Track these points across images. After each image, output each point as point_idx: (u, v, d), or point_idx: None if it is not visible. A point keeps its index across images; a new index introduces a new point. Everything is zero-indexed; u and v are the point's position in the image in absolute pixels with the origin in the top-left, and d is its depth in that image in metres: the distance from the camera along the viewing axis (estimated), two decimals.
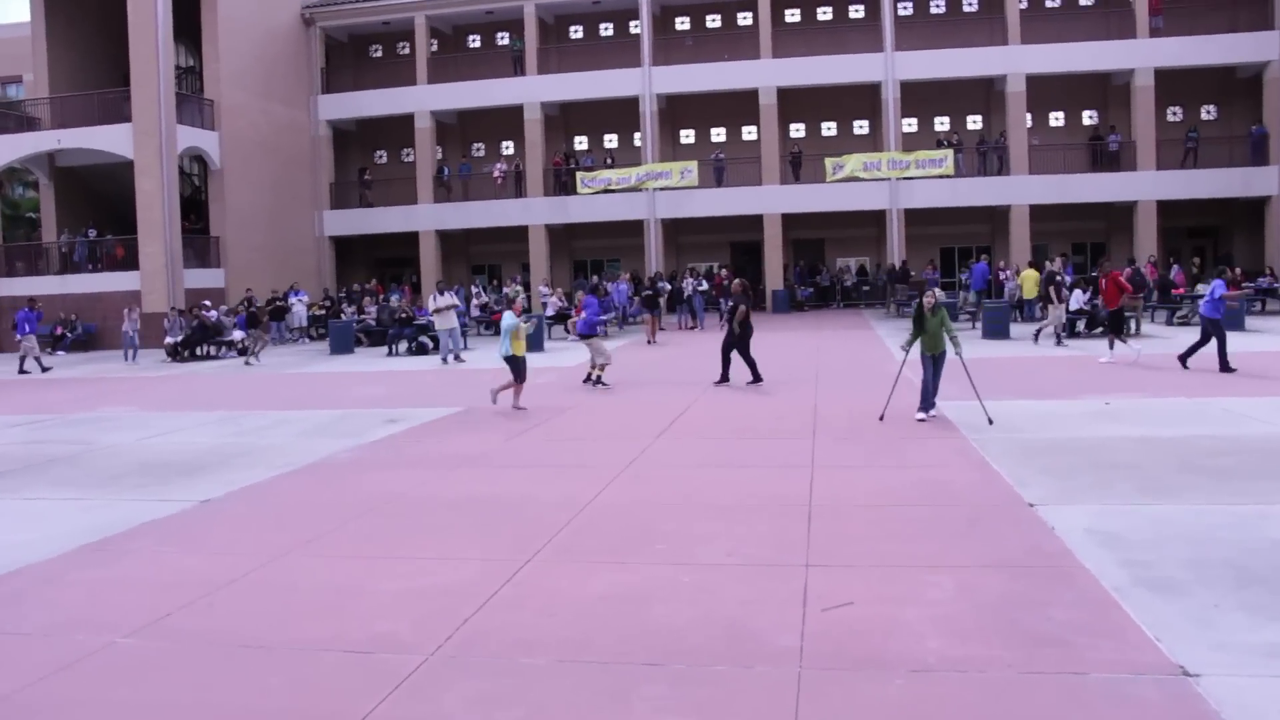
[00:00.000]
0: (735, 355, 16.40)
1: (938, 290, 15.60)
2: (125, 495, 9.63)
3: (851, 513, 7.72)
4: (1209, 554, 6.31)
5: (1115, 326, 18.70)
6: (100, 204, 36.54)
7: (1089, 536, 6.74)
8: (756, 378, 16.21)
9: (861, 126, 41.19)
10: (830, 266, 41.58)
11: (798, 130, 41.38)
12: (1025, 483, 8.45)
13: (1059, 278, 21.81)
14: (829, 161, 36.61)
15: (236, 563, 6.95)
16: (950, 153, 36.22)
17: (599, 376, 16.92)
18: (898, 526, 7.26)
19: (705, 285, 31.55)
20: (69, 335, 33.06)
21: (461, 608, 5.78)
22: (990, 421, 11.39)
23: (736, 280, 17.37)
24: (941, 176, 36.15)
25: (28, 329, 26.13)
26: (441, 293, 23.30)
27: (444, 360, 22.79)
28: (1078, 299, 22.80)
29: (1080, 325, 23.08)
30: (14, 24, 42.02)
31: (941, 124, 40.48)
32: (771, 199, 37.91)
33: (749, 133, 41.06)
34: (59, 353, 32.50)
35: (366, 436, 12.65)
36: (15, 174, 41.03)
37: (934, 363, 12.06)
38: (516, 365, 14.52)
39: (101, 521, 8.45)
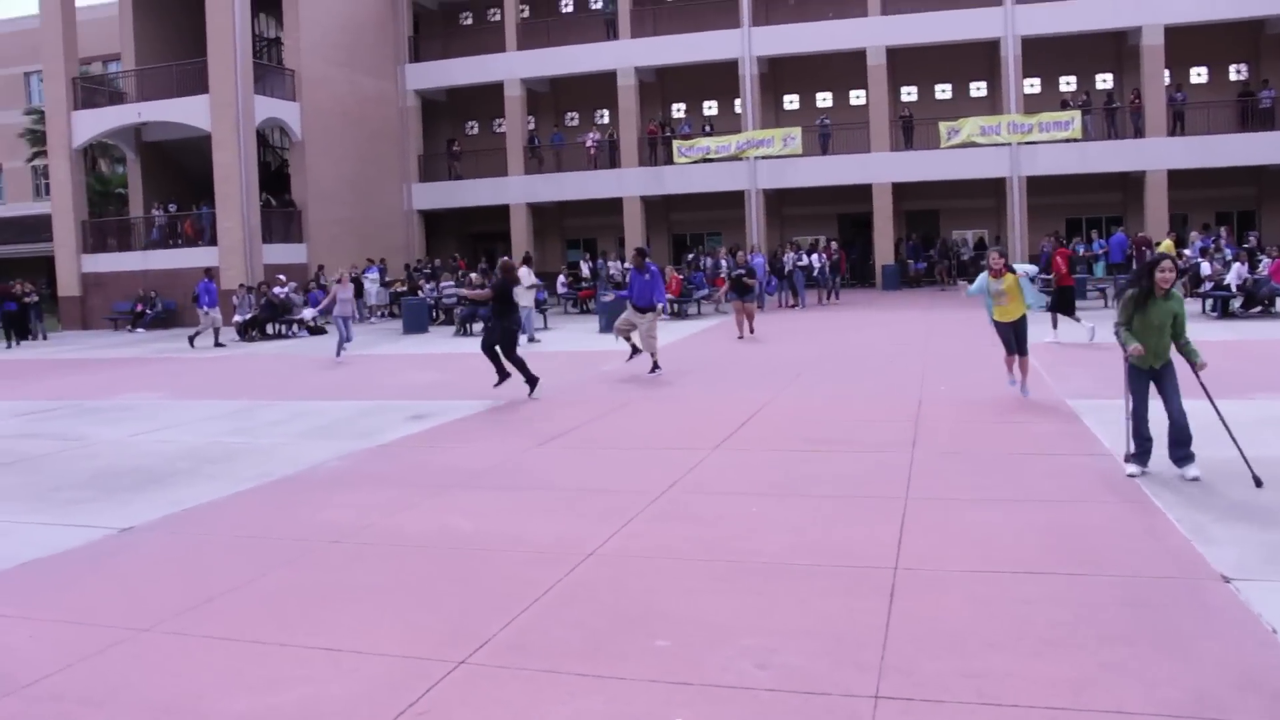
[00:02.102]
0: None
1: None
2: (41, 516, 7.77)
3: (952, 585, 5.33)
4: None
5: (1065, 304, 16.97)
6: (186, 179, 35.45)
7: None
8: (530, 379, 13.06)
9: (979, 88, 37.80)
10: (945, 239, 38.44)
11: (909, 93, 38.23)
12: (1209, 535, 5.90)
13: None
14: (943, 126, 33.51)
15: (66, 647, 4.94)
16: (1078, 114, 32.80)
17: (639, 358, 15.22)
18: (1019, 616, 4.85)
19: (806, 260, 28.98)
20: (149, 312, 32.08)
21: None
22: (1259, 483, 6.88)
23: (502, 260, 14.57)
24: (1068, 140, 32.75)
25: (207, 300, 25.05)
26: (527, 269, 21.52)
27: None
28: (1237, 273, 19.68)
29: (1236, 305, 19.98)
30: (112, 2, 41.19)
31: (1067, 84, 36.81)
32: (881, 167, 34.94)
33: (857, 97, 38.04)
34: (138, 330, 31.59)
35: (376, 438, 10.65)
36: (107, 150, 40.53)
37: (1158, 378, 7.51)
38: (1004, 332, 11.51)
39: None
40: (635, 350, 15.29)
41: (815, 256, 29.05)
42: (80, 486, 8.87)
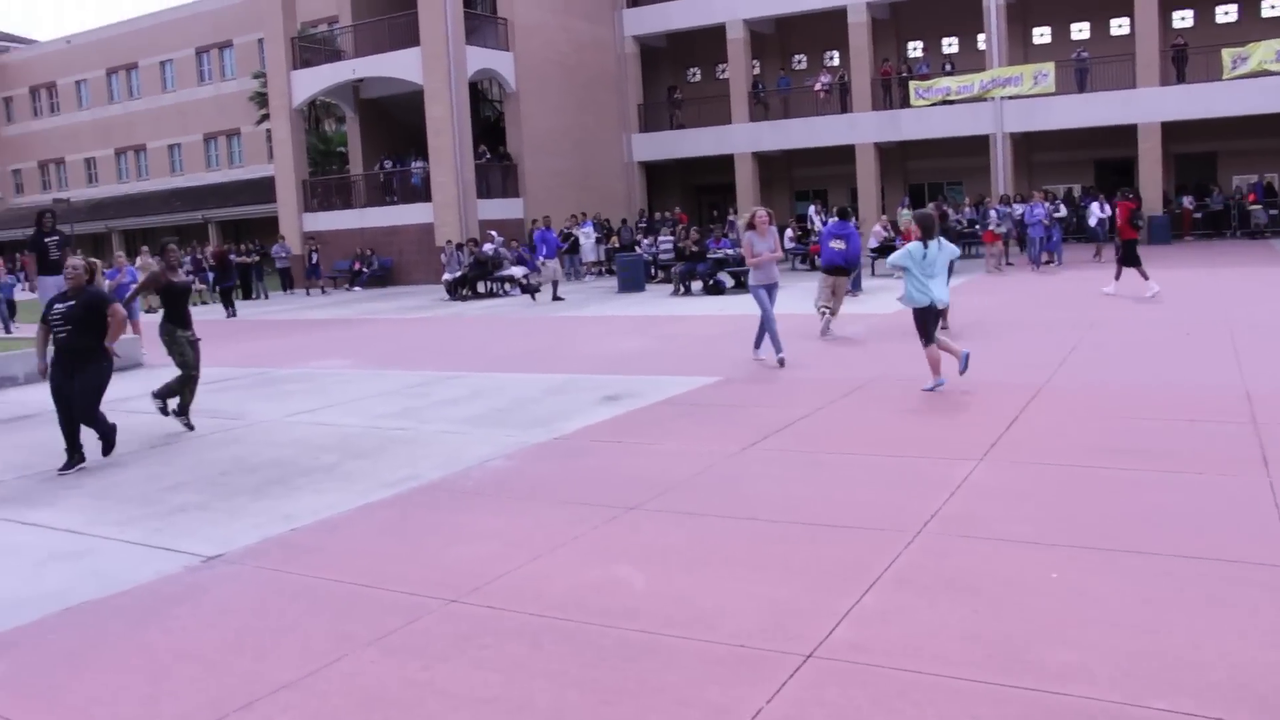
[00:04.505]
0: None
1: None
2: (133, 531, 6.30)
3: None
4: None
5: (1130, 258, 17.13)
6: (403, 135, 35.01)
7: None
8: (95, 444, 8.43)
9: (1273, 5, 32.75)
10: (1224, 186, 33.62)
11: (1183, 18, 33.58)
12: None
13: None
14: (1227, 54, 29.03)
15: None
16: None
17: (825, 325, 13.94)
18: None
19: (1063, 211, 25.53)
20: (365, 270, 31.79)
21: None
22: None
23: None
24: None
25: (545, 251, 24.18)
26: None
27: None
28: None
29: None
30: None
31: None
32: (1148, 105, 30.74)
33: (1119, 25, 33.83)
34: (355, 289, 31.33)
35: (556, 427, 8.82)
36: (330, 110, 40.72)
37: None
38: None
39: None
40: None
41: (1096, 206, 25.41)
42: (200, 486, 7.43)
